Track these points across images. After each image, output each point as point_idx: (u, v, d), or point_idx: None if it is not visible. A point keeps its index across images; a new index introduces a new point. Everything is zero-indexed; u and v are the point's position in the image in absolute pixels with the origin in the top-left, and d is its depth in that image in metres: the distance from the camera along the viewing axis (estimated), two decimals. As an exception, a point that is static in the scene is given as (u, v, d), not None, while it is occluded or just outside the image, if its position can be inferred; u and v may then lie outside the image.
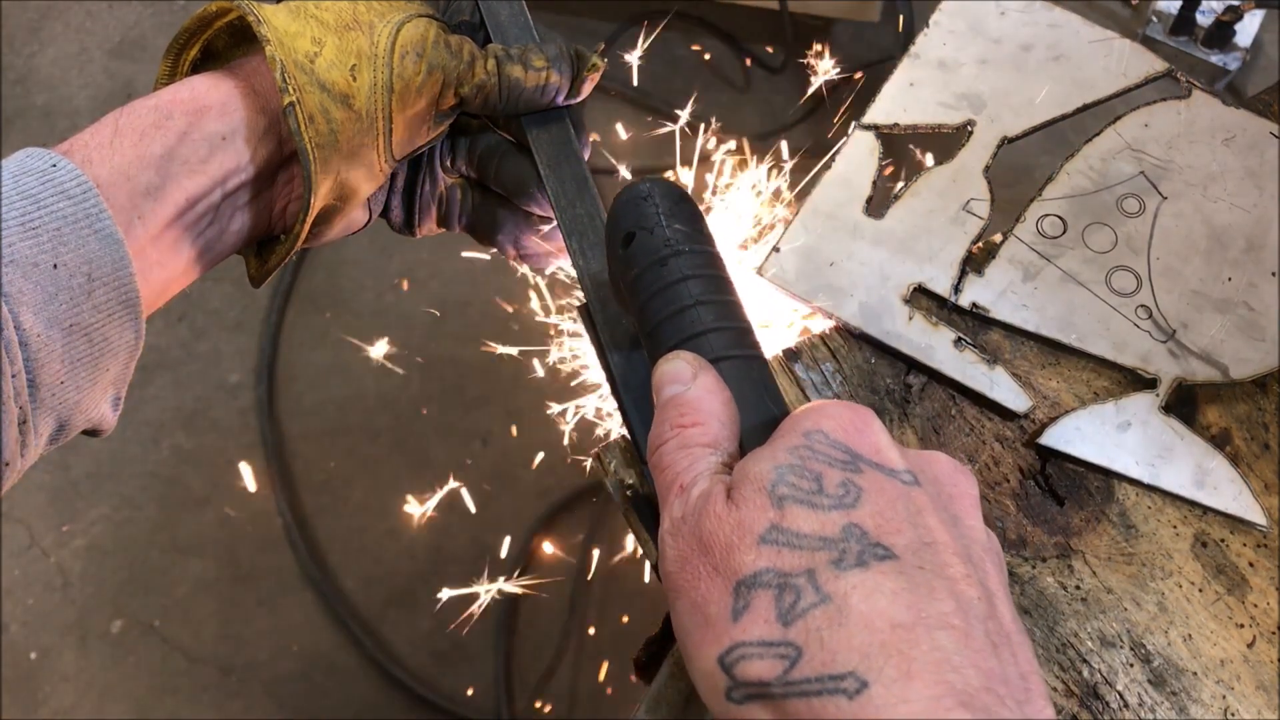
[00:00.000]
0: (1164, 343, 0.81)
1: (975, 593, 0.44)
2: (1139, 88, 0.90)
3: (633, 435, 0.71)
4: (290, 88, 0.60)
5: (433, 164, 0.75)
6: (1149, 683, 0.71)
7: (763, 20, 2.20)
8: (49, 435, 0.57)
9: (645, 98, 2.15)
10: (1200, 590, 0.74)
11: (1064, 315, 0.82)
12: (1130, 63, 0.91)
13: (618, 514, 0.73)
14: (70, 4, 2.37)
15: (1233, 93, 2.02)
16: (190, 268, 0.64)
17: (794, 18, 2.05)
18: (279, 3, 0.64)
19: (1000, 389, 0.79)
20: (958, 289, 0.83)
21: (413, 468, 1.88)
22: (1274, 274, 0.82)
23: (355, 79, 0.62)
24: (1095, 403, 0.80)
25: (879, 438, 0.49)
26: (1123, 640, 0.72)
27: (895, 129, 0.89)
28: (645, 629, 0.71)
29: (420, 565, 1.82)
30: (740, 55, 2.23)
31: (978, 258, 0.85)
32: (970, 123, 0.89)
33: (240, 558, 1.84)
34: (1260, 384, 0.81)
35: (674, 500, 0.50)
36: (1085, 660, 0.72)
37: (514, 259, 0.80)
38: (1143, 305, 0.82)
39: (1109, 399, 0.80)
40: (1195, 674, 0.71)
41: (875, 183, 0.87)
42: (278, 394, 1.95)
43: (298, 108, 0.60)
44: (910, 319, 0.81)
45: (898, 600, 0.42)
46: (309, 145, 0.61)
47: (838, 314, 0.82)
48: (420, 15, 0.67)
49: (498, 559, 1.78)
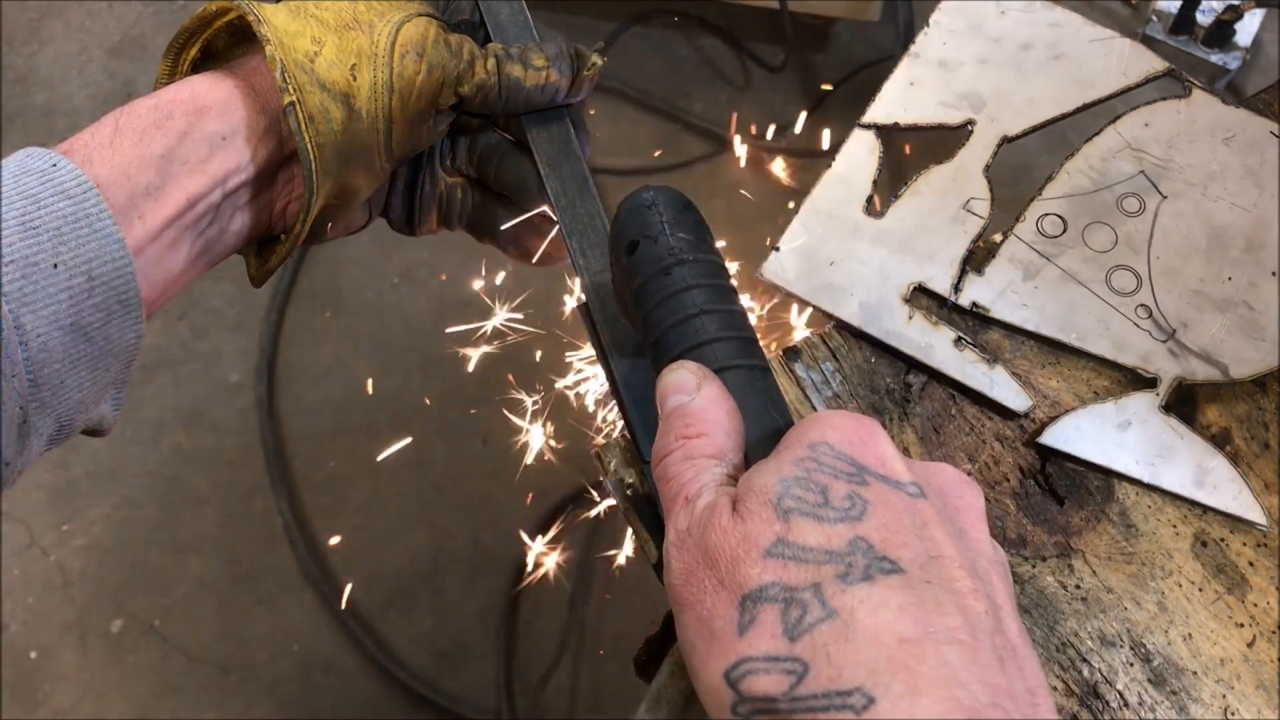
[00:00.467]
0: (1164, 342, 0.81)
1: (982, 606, 0.44)
2: (1139, 87, 0.90)
3: (633, 435, 0.71)
4: (290, 87, 0.60)
5: (433, 163, 0.75)
6: (1149, 682, 0.71)
7: (763, 19, 2.20)
8: (49, 435, 0.57)
9: (645, 97, 2.15)
10: (1200, 589, 0.74)
11: (1064, 314, 0.82)
12: (1130, 62, 0.91)
13: (618, 513, 0.73)
14: (70, 3, 2.37)
15: (1233, 92, 2.02)
16: (190, 267, 0.64)
17: (794, 17, 2.05)
18: (279, 2, 0.64)
19: (1000, 388, 0.79)
20: (958, 288, 0.83)
21: (413, 467, 1.88)
22: (1274, 273, 0.82)
23: (355, 78, 0.62)
24: (1095, 402, 0.80)
25: (884, 449, 0.49)
26: (1123, 639, 0.72)
27: (895, 128, 0.89)
28: (645, 628, 0.71)
29: (420, 565, 1.82)
30: (740, 54, 2.23)
31: (978, 257, 0.85)
32: (970, 122, 0.89)
33: (240, 557, 1.84)
34: (1260, 383, 0.81)
35: (679, 512, 0.50)
36: (1085, 659, 0.72)
37: (514, 258, 0.80)
38: (1143, 304, 0.82)
39: (1109, 398, 0.80)
40: (1195, 673, 0.71)
41: (875, 182, 0.87)
42: (278, 393, 1.95)
43: (298, 107, 0.60)
44: (910, 318, 0.81)
45: (904, 615, 0.42)
46: (309, 145, 0.61)
47: (838, 313, 0.82)
48: (420, 15, 0.67)
49: (497, 557, 1.79)
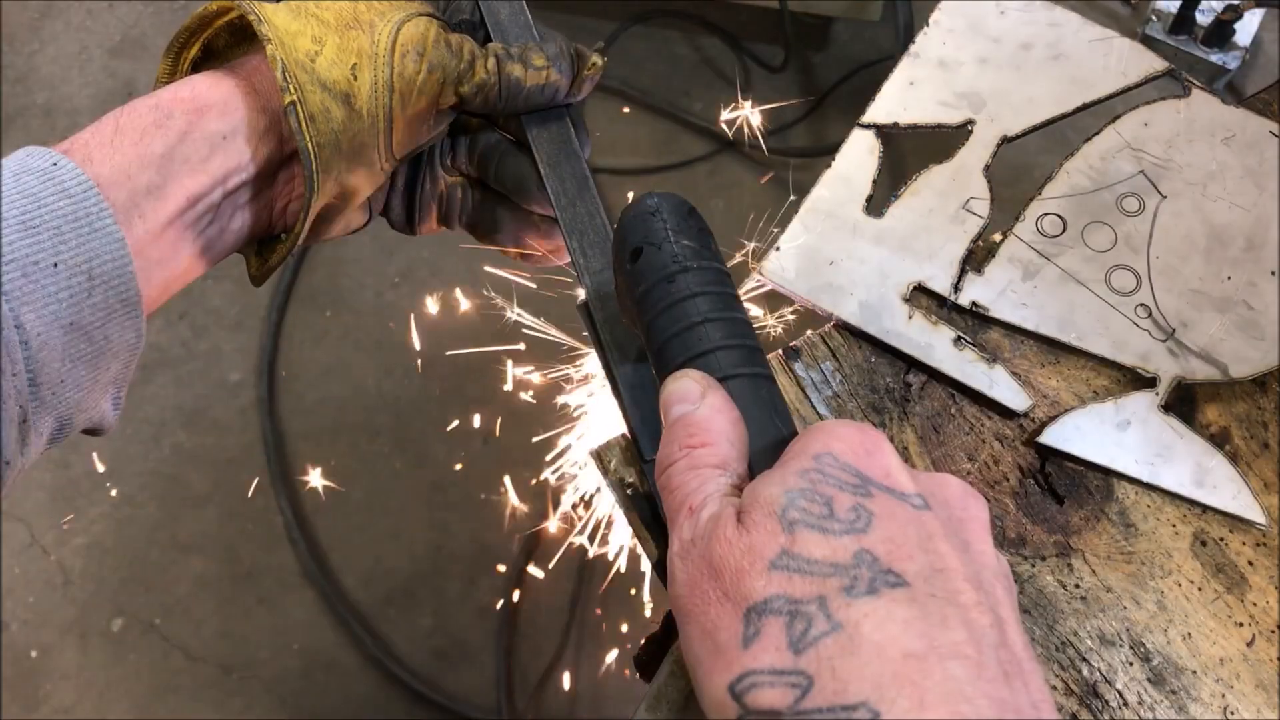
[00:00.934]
0: (1163, 341, 0.81)
1: (987, 620, 0.44)
2: (1138, 86, 0.91)
3: (633, 435, 0.71)
4: (291, 87, 0.60)
5: (433, 162, 0.75)
6: (1148, 681, 0.71)
7: (763, 19, 2.20)
8: (49, 434, 0.57)
9: (645, 97, 2.15)
10: (1199, 589, 0.74)
11: (1063, 314, 0.82)
12: (1130, 62, 0.91)
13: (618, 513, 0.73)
14: (70, 3, 2.37)
15: (1232, 92, 2.02)
16: (191, 266, 0.64)
17: (794, 17, 2.05)
18: (280, 2, 0.64)
19: (1000, 388, 0.79)
20: (957, 288, 0.83)
21: (413, 466, 1.88)
22: (1273, 273, 0.82)
23: (356, 78, 0.62)
24: (1095, 401, 0.80)
25: (889, 460, 0.49)
26: (1122, 639, 0.72)
27: (895, 128, 0.90)
28: (645, 628, 0.72)
29: (420, 564, 1.82)
30: (740, 54, 2.22)
31: (977, 256, 0.85)
32: (970, 122, 0.89)
33: (241, 556, 1.84)
34: (1260, 383, 0.81)
35: (683, 522, 0.50)
36: (1085, 659, 0.72)
37: (515, 258, 0.80)
38: (1142, 304, 0.82)
39: (1108, 398, 0.80)
40: (1194, 672, 0.71)
41: (875, 181, 0.87)
42: (278, 392, 1.95)
43: (299, 107, 0.60)
44: (910, 318, 0.81)
45: (910, 629, 0.42)
46: (310, 144, 0.61)
47: (837, 313, 0.82)
48: (420, 14, 0.67)
49: (497, 556, 1.79)
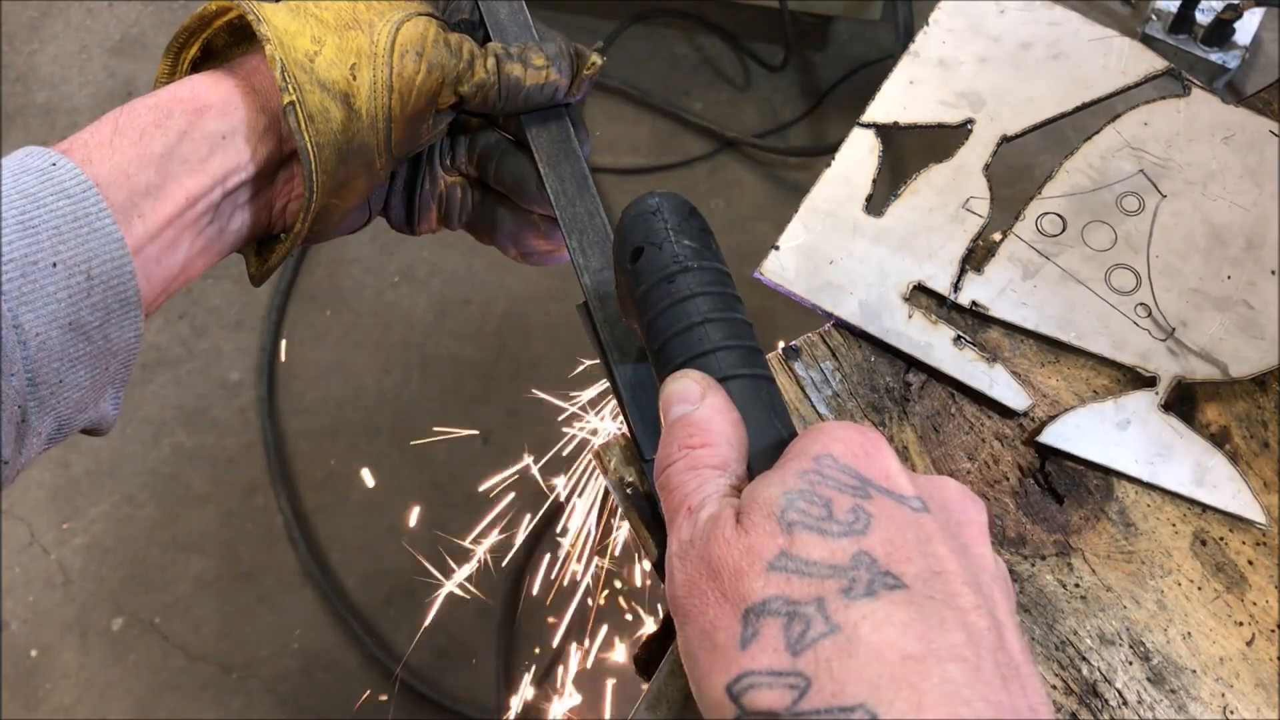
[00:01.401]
0: (1163, 341, 0.81)
1: (985, 623, 0.44)
2: (1138, 86, 0.90)
3: (633, 435, 0.71)
4: (290, 87, 0.60)
5: (432, 162, 0.75)
6: (1148, 680, 0.71)
7: (763, 19, 2.20)
8: (48, 434, 0.57)
9: (645, 96, 2.15)
10: (1199, 588, 0.74)
11: (1063, 313, 0.82)
12: (1129, 61, 0.91)
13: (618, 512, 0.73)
14: (70, 2, 2.37)
15: (1232, 91, 2.02)
16: (190, 265, 0.64)
17: (794, 16, 2.05)
18: (279, 1, 0.64)
19: (1000, 387, 0.79)
20: (957, 287, 0.83)
21: (413, 466, 1.88)
22: (1273, 272, 0.82)
23: (355, 78, 0.62)
24: (1095, 401, 0.80)
25: (888, 462, 0.49)
26: (1122, 638, 0.72)
27: (895, 127, 0.90)
28: (646, 627, 0.72)
29: (420, 563, 1.82)
30: (740, 53, 2.22)
31: (977, 256, 0.85)
32: (970, 121, 0.89)
33: (241, 555, 1.84)
34: (1259, 382, 0.81)
35: (682, 523, 0.50)
36: (1084, 658, 0.72)
37: (514, 257, 0.80)
38: (1142, 303, 0.82)
39: (1108, 397, 0.80)
40: (1194, 672, 0.72)
41: (875, 180, 0.87)
42: (278, 392, 1.95)
43: (298, 107, 0.60)
44: (910, 317, 0.81)
45: (908, 631, 0.42)
46: (309, 144, 0.61)
47: (837, 312, 0.82)
48: (420, 14, 0.67)
49: (498, 557, 1.79)
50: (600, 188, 2.15)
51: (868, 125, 0.90)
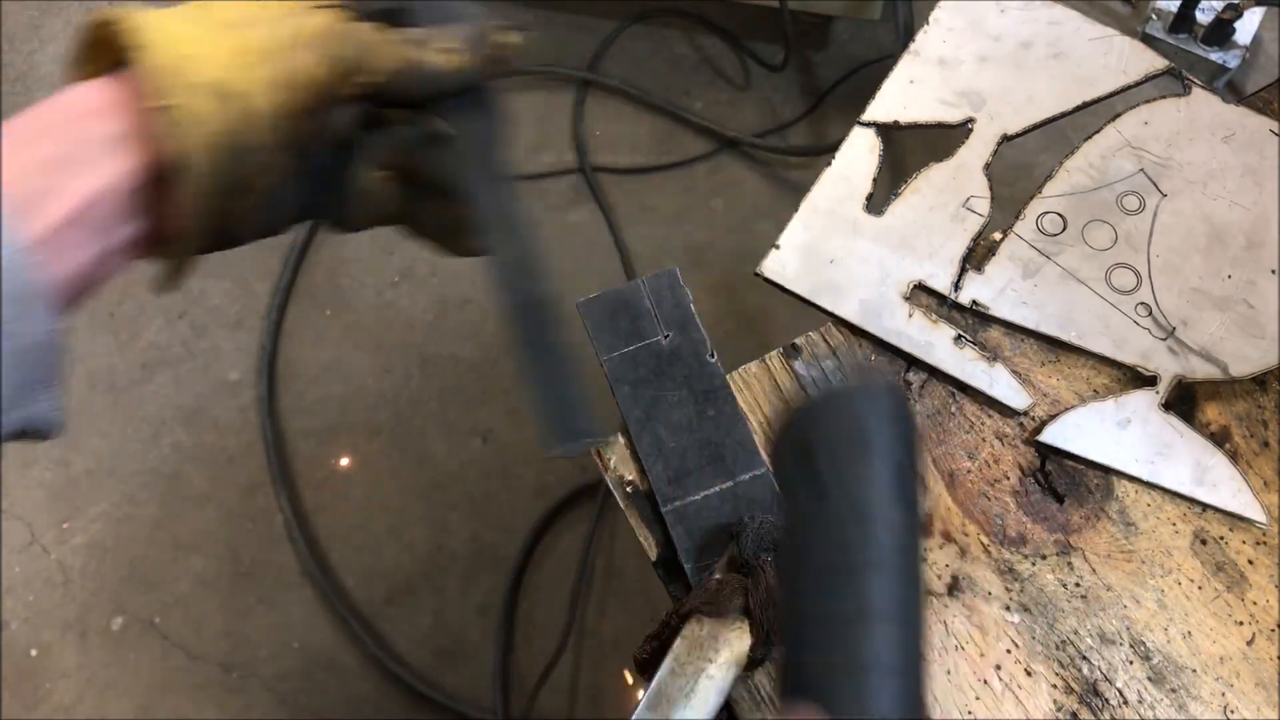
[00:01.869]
0: (1164, 340, 0.81)
1: None
2: (1139, 85, 0.91)
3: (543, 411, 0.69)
4: (175, 88, 0.60)
5: (353, 158, 0.74)
6: (1148, 680, 0.71)
7: (763, 18, 2.20)
8: None
9: (645, 95, 2.15)
10: (1199, 587, 0.74)
11: (1064, 312, 0.82)
12: (1130, 60, 0.91)
13: (619, 511, 0.73)
14: (70, 2, 2.37)
15: (1232, 90, 2.02)
16: (99, 269, 0.64)
17: (794, 15, 2.05)
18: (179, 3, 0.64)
19: (1000, 386, 0.79)
20: (958, 286, 0.83)
21: (413, 465, 1.88)
22: (1274, 271, 0.82)
23: (246, 75, 0.62)
24: (1095, 400, 0.80)
25: None
26: (1122, 637, 0.72)
27: (895, 126, 0.90)
28: (646, 626, 0.72)
29: (420, 563, 1.82)
30: (740, 53, 2.22)
31: (978, 255, 0.85)
32: (970, 120, 0.89)
33: (241, 555, 1.84)
34: (1260, 381, 0.81)
35: None
36: (1085, 657, 0.72)
37: (445, 253, 0.79)
38: (1142, 302, 0.82)
39: (1109, 396, 0.80)
40: (1195, 671, 0.72)
41: (875, 180, 0.87)
42: (278, 391, 1.95)
43: (182, 109, 0.60)
44: (910, 316, 0.81)
45: None
46: (191, 146, 0.61)
47: (838, 311, 0.82)
48: (325, 6, 0.66)
49: (498, 555, 1.79)
50: (601, 187, 2.14)
51: (868, 124, 0.90)
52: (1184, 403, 0.81)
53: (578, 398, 0.52)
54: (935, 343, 0.80)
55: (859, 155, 0.88)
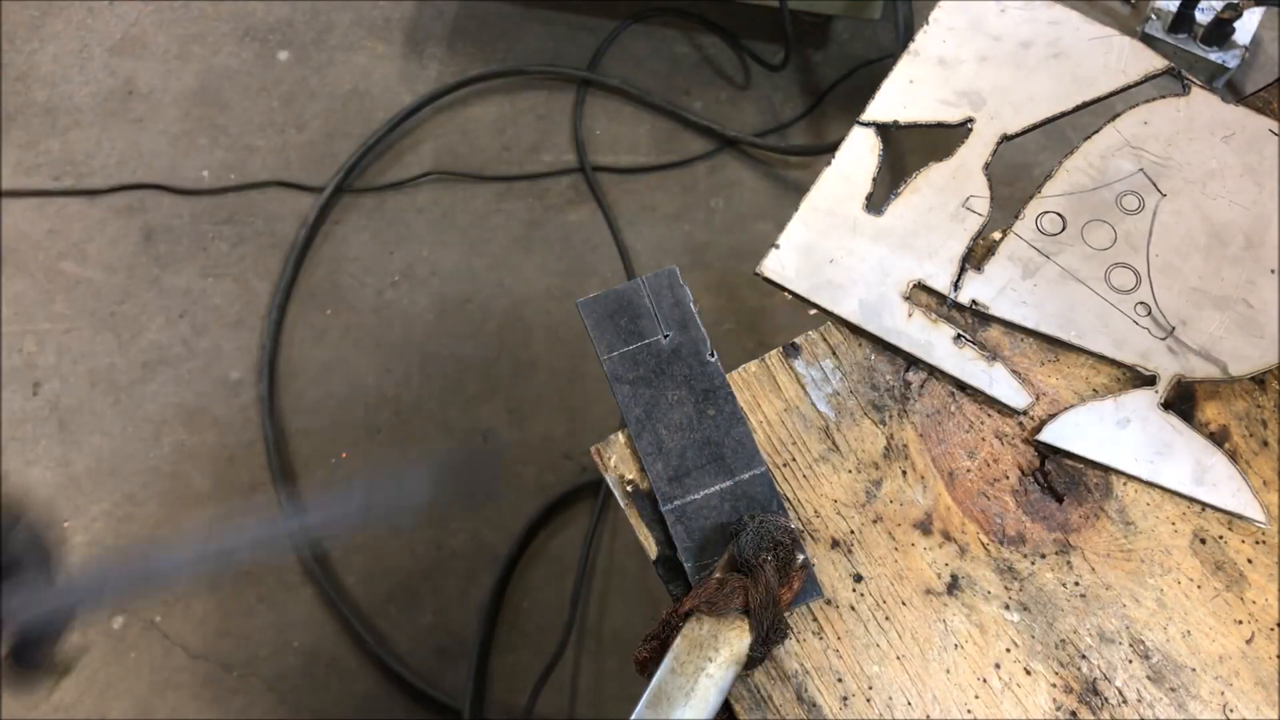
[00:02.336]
0: (1163, 339, 0.81)
1: None
2: (1138, 85, 0.91)
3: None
4: None
5: None
6: (1148, 679, 0.71)
7: (763, 18, 2.20)
8: None
9: (645, 95, 2.15)
10: (1199, 586, 0.74)
11: (1063, 312, 0.82)
12: (1129, 60, 0.91)
13: (619, 510, 0.73)
14: (71, 1, 2.37)
15: (1232, 90, 2.02)
16: None
17: (794, 15, 2.05)
18: None
19: (999, 385, 0.79)
20: (957, 285, 0.83)
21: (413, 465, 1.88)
22: (1273, 271, 0.83)
23: None
24: (1094, 399, 0.80)
25: None
26: (1122, 636, 0.73)
27: (895, 126, 0.90)
28: (646, 625, 0.72)
29: (421, 561, 1.82)
30: (740, 52, 2.23)
31: (977, 254, 0.85)
32: (970, 120, 0.89)
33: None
34: (1259, 381, 0.81)
35: None
36: (1084, 656, 0.72)
37: None
38: (1142, 302, 0.82)
39: (1108, 395, 0.80)
40: (1194, 670, 0.72)
41: (875, 179, 0.87)
42: (279, 390, 1.96)
43: None
44: (910, 315, 0.82)
45: None
46: None
47: (837, 310, 0.82)
48: None
49: (498, 554, 1.79)
50: (601, 187, 2.14)
51: (868, 124, 0.90)
52: (1183, 402, 0.81)
53: None
54: (935, 342, 0.81)
55: (859, 155, 0.88)
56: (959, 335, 0.81)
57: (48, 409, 1.95)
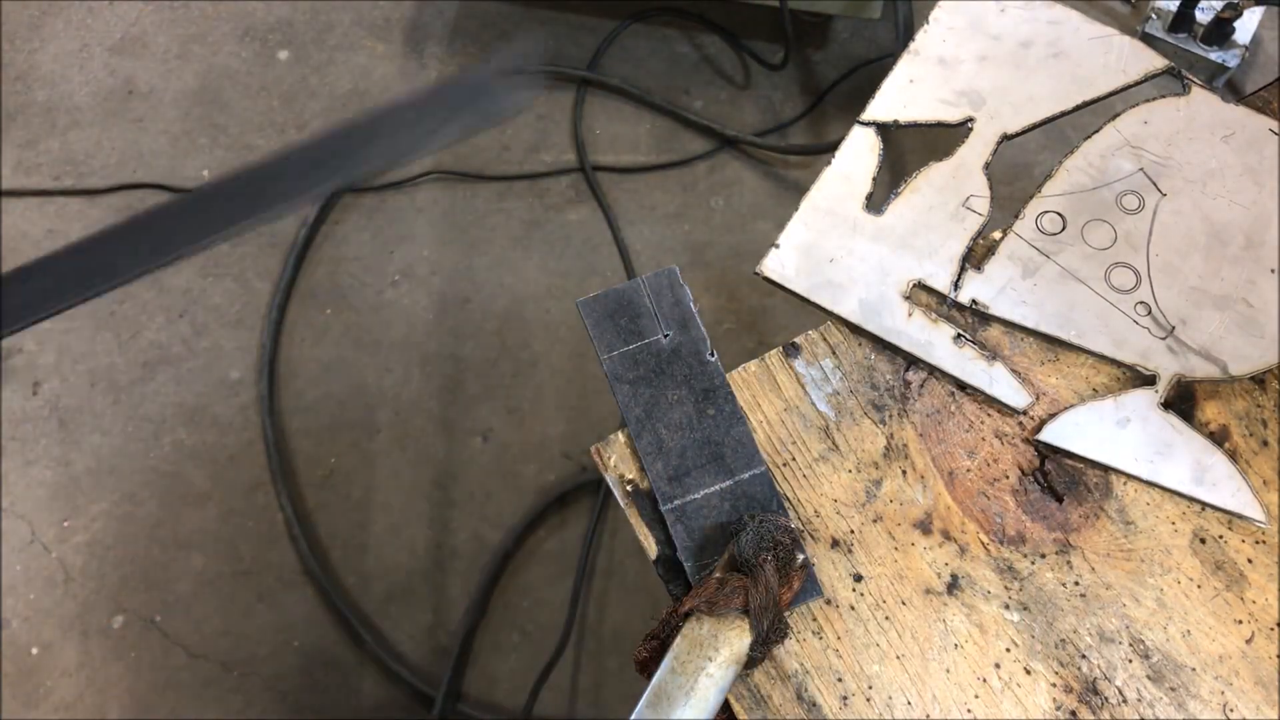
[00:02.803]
0: (1163, 339, 0.81)
1: None
2: (1138, 85, 0.91)
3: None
4: None
5: None
6: (1148, 678, 0.71)
7: (763, 17, 2.20)
8: None
9: (645, 94, 2.15)
10: (1199, 586, 0.74)
11: (1063, 312, 0.82)
12: (1129, 60, 0.91)
13: (619, 509, 0.73)
14: (71, 1, 2.37)
15: (1232, 89, 2.02)
16: None
17: (794, 15, 2.05)
18: None
19: (999, 385, 0.79)
20: (957, 285, 0.83)
21: (413, 463, 1.88)
22: (1273, 270, 0.83)
23: None
24: (1094, 399, 0.80)
25: None
26: (1122, 636, 0.73)
27: (895, 125, 0.90)
28: (646, 625, 0.72)
29: (420, 561, 1.82)
30: (740, 52, 2.23)
31: (977, 254, 0.85)
32: (970, 119, 0.89)
33: (241, 553, 1.84)
34: (1259, 380, 0.81)
35: None
36: (1084, 656, 0.72)
37: None
38: (1142, 302, 0.82)
39: (1108, 395, 0.80)
40: (1194, 670, 0.72)
41: (875, 179, 0.87)
42: (279, 390, 1.96)
43: None
44: (910, 315, 0.82)
45: None
46: None
47: (837, 310, 0.82)
48: None
49: (497, 554, 1.79)
50: (600, 186, 2.15)
51: (868, 123, 0.90)
52: (1183, 402, 0.81)
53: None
54: (935, 341, 0.81)
55: (859, 154, 0.88)
56: (959, 335, 0.81)
57: (47, 409, 1.95)
